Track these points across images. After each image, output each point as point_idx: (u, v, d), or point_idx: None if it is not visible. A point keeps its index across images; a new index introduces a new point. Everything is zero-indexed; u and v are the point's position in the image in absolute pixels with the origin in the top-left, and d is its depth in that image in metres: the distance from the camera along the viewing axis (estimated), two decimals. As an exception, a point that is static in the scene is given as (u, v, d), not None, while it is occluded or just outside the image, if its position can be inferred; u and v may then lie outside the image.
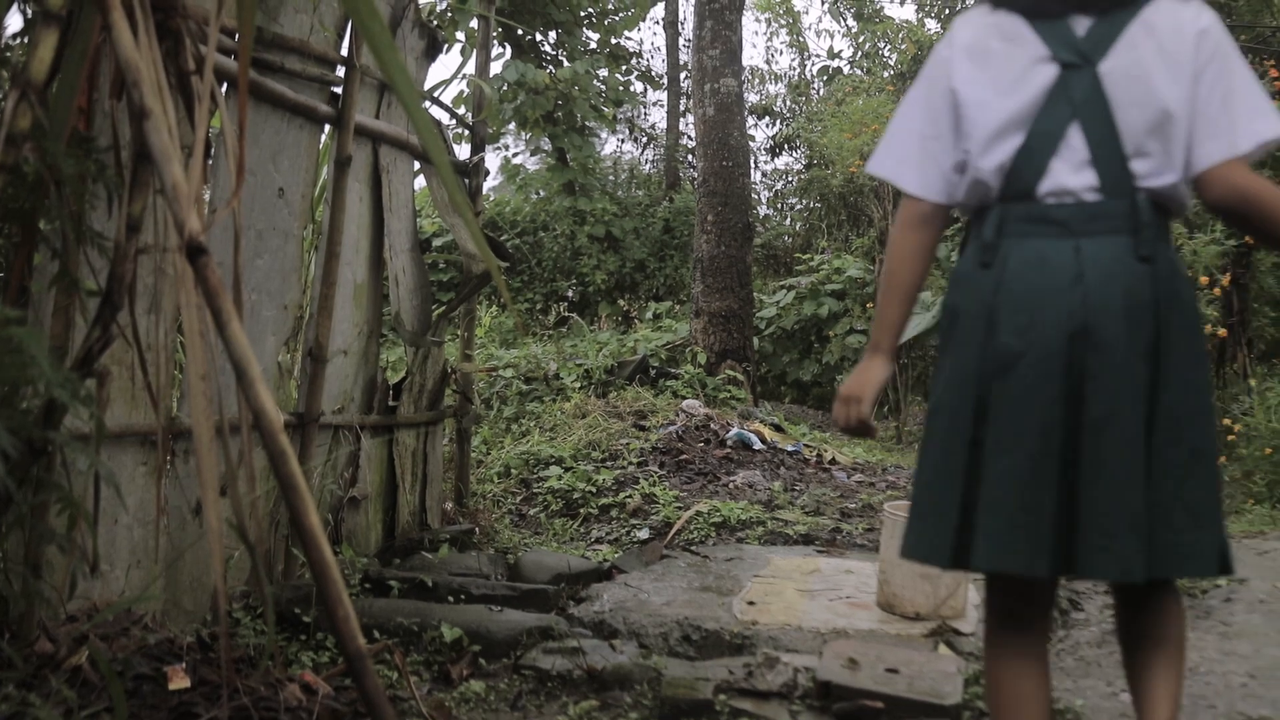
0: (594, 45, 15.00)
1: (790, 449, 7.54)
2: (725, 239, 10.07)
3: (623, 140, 20.23)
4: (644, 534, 5.36)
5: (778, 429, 8.42)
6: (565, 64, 14.16)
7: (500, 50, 14.02)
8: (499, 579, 4.25)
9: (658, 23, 20.06)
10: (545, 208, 15.81)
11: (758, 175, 18.69)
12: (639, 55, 17.93)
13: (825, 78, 19.80)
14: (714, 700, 2.89)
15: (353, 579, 3.87)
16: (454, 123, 5.78)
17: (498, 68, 13.34)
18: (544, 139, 14.81)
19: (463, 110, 8.66)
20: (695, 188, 11.29)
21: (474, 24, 8.16)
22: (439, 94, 10.56)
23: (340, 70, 3.98)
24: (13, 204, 1.89)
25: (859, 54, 19.28)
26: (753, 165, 15.63)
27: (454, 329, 6.27)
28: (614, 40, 15.24)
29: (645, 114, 20.75)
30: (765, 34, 31.60)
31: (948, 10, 16.36)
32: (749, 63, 22.29)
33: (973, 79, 1.95)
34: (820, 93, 19.55)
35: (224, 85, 3.19)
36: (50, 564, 2.42)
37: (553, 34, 14.41)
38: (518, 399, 8.60)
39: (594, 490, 6.05)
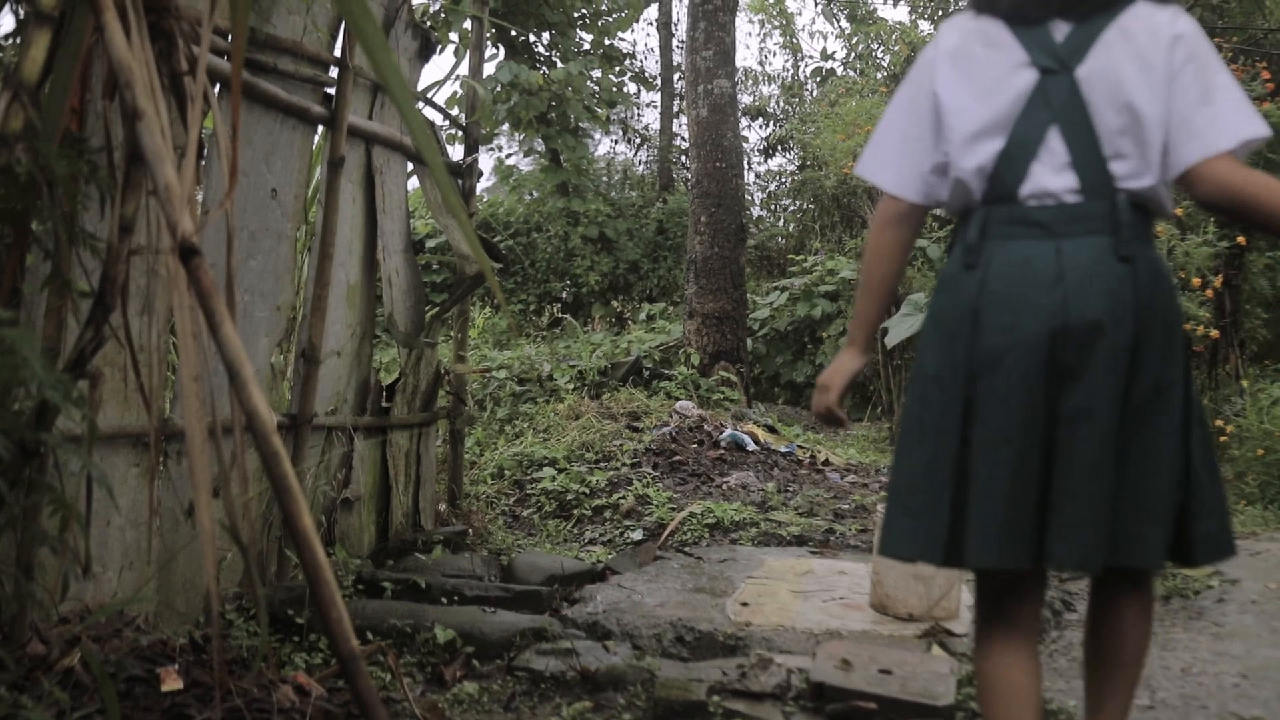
0: (587, 46, 15.00)
1: (784, 450, 7.55)
2: (719, 240, 10.07)
3: (616, 141, 20.21)
4: (637, 535, 5.36)
5: (771, 430, 8.42)
6: (559, 65, 14.16)
7: (494, 51, 14.01)
8: (492, 580, 4.25)
9: (651, 24, 20.05)
10: (539, 209, 15.80)
11: (751, 176, 18.72)
12: (632, 56, 17.93)
13: (818, 79, 19.82)
14: (707, 701, 2.89)
15: (346, 580, 3.86)
16: (447, 124, 5.77)
17: (491, 69, 13.34)
18: (537, 140, 14.79)
19: (456, 111, 8.67)
20: (688, 189, 11.29)
21: (467, 25, 8.17)
22: (432, 95, 10.53)
23: (333, 71, 3.98)
24: (5, 205, 1.89)
25: (852, 55, 19.30)
26: (746, 166, 15.64)
27: (447, 330, 6.27)
28: (607, 41, 15.25)
29: (639, 115, 20.76)
30: (759, 35, 31.60)
31: (940, 12, 16.37)
32: (742, 64, 22.30)
33: (954, 84, 2.00)
34: (813, 94, 19.57)
35: (217, 86, 3.18)
36: (42, 566, 2.41)
37: (546, 35, 14.42)
38: (511, 400, 8.59)
39: (587, 491, 6.05)
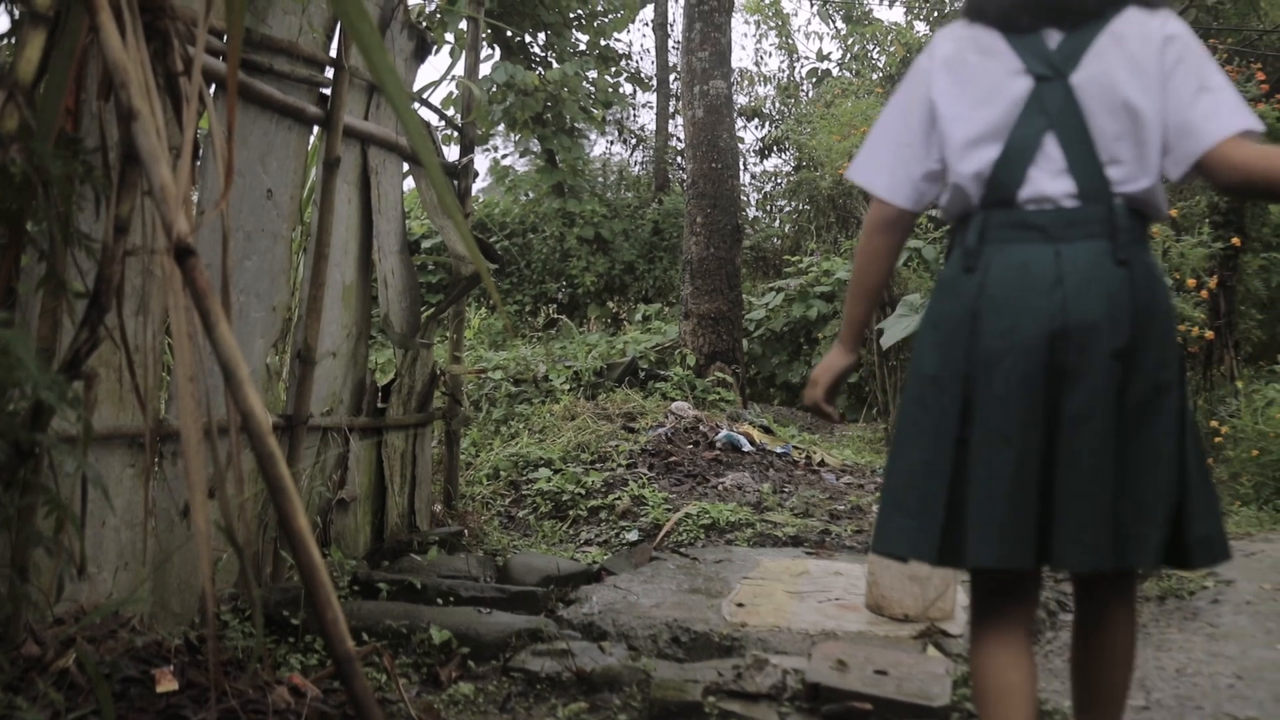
0: (583, 47, 15.00)
1: (779, 451, 7.55)
2: (714, 241, 10.07)
3: (612, 142, 20.26)
4: (633, 536, 5.36)
5: (767, 431, 8.43)
6: (554, 65, 14.15)
7: (489, 52, 14.02)
8: (488, 581, 4.25)
9: (647, 24, 20.08)
10: (534, 209, 15.80)
11: (747, 177, 18.73)
12: (628, 57, 17.97)
13: (814, 80, 19.85)
14: (703, 702, 2.89)
15: (341, 581, 3.86)
16: (443, 124, 5.78)
17: (487, 69, 13.35)
18: (533, 140, 14.78)
19: (452, 112, 8.66)
20: (684, 189, 11.29)
21: (463, 25, 8.15)
22: (428, 95, 10.52)
23: (329, 71, 3.97)
24: (0, 205, 1.89)
25: (848, 56, 19.34)
26: (742, 167, 15.65)
27: (443, 331, 6.26)
28: (603, 42, 15.25)
29: (634, 116, 20.79)
30: (754, 36, 31.63)
31: (936, 13, 16.40)
32: (738, 65, 22.28)
33: (950, 91, 2.03)
34: (809, 95, 19.59)
35: (212, 86, 3.18)
36: (37, 566, 2.41)
37: (542, 35, 14.42)
38: (507, 401, 8.59)
39: (583, 492, 6.05)
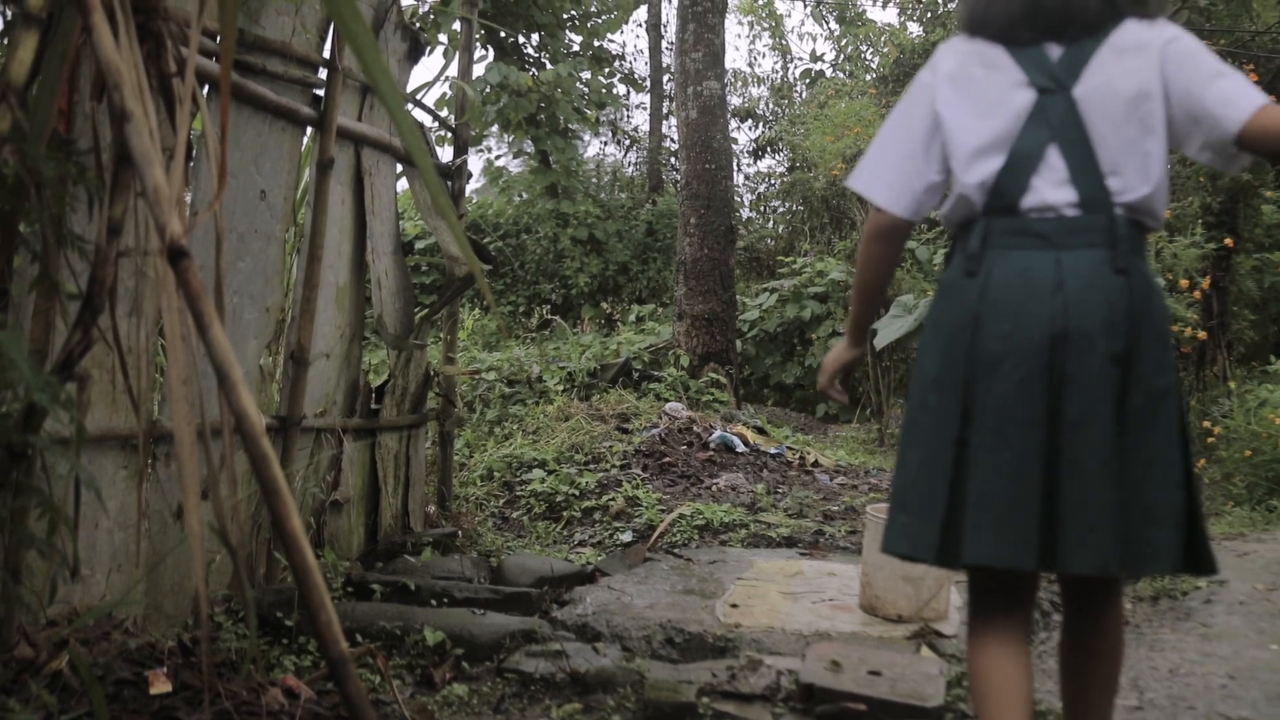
0: (577, 48, 14.98)
1: (773, 451, 7.55)
2: (708, 242, 10.08)
3: (605, 143, 20.25)
4: (627, 537, 5.36)
5: (760, 431, 8.43)
6: (548, 66, 14.14)
7: (483, 53, 14.00)
8: (482, 582, 4.24)
9: (640, 25, 20.08)
10: (528, 210, 15.79)
11: (740, 178, 18.74)
12: (622, 58, 17.97)
13: (808, 81, 19.87)
14: (697, 703, 2.90)
15: (335, 582, 3.86)
16: (436, 125, 5.77)
17: (480, 70, 13.34)
18: (527, 141, 14.78)
19: (445, 113, 8.67)
20: (678, 190, 11.29)
21: (456, 26, 8.16)
22: (422, 96, 10.53)
23: (322, 72, 3.97)
24: (-8, 206, 1.88)
25: (841, 57, 19.38)
26: (735, 168, 15.63)
27: (437, 332, 6.26)
28: (597, 43, 15.23)
29: (628, 117, 20.77)
30: (748, 37, 31.79)
31: (929, 14, 16.41)
32: (732, 66, 22.31)
33: (955, 103, 2.08)
34: (803, 96, 19.62)
35: (205, 87, 3.17)
36: (30, 568, 2.40)
37: (535, 36, 14.40)
38: (500, 402, 8.58)
39: (577, 493, 6.05)
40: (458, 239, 1.83)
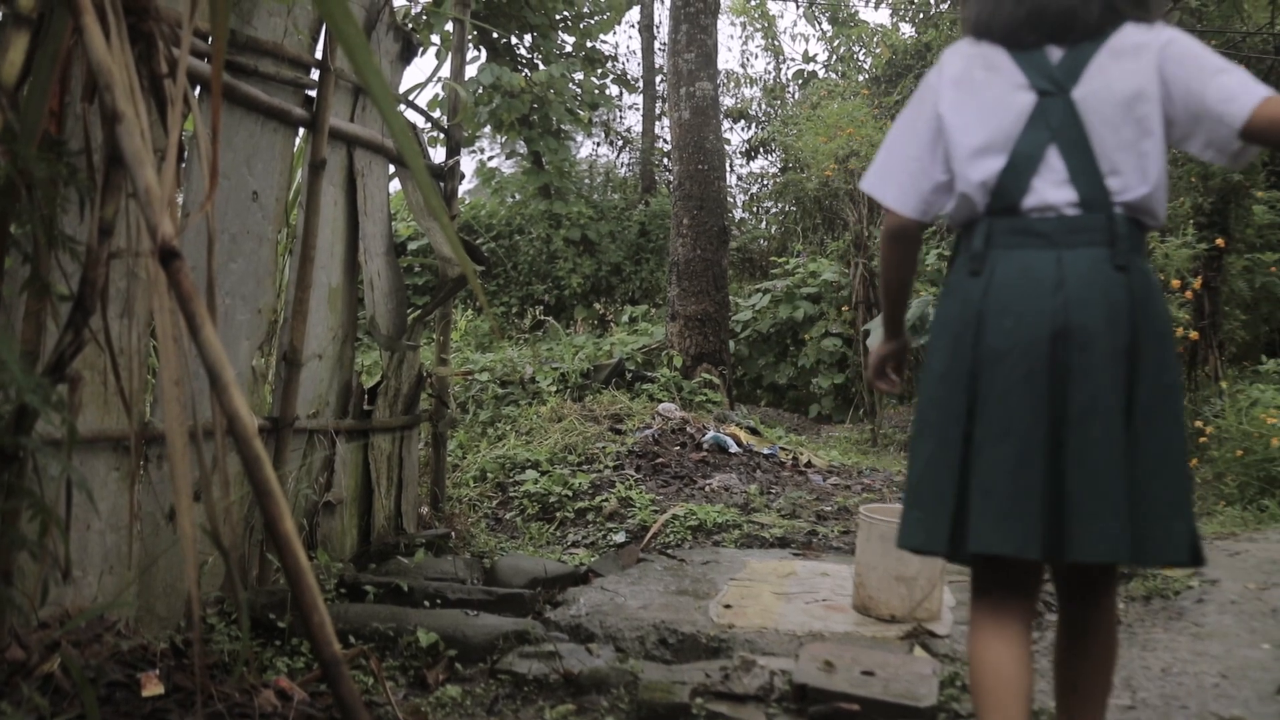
0: (569, 48, 14.99)
1: (766, 452, 7.56)
2: (701, 242, 10.08)
3: (598, 144, 20.22)
4: (620, 537, 5.36)
5: (754, 432, 8.44)
6: (541, 67, 14.14)
7: (475, 53, 13.98)
8: (475, 583, 4.24)
9: (633, 26, 20.06)
10: (521, 211, 15.79)
11: (733, 179, 18.76)
12: (614, 59, 17.94)
13: (800, 81, 19.87)
14: (690, 704, 2.90)
15: (328, 584, 3.85)
16: (429, 126, 5.76)
17: (473, 71, 13.32)
18: (519, 142, 14.77)
19: (438, 113, 8.65)
20: (671, 191, 11.29)
21: (449, 27, 8.14)
22: (414, 97, 10.52)
23: (315, 73, 3.96)
24: (-17, 208, 1.88)
25: (834, 58, 19.37)
26: (728, 169, 15.66)
27: (429, 333, 6.25)
28: (589, 44, 15.24)
29: (621, 117, 20.77)
30: (740, 38, 31.74)
31: (922, 15, 16.43)
32: (724, 66, 22.28)
33: (957, 104, 2.12)
34: (795, 96, 19.63)
35: (197, 88, 3.17)
36: (22, 570, 2.39)
37: (528, 37, 14.40)
38: (493, 403, 8.58)
39: (570, 494, 6.05)
40: (450, 240, 1.83)
